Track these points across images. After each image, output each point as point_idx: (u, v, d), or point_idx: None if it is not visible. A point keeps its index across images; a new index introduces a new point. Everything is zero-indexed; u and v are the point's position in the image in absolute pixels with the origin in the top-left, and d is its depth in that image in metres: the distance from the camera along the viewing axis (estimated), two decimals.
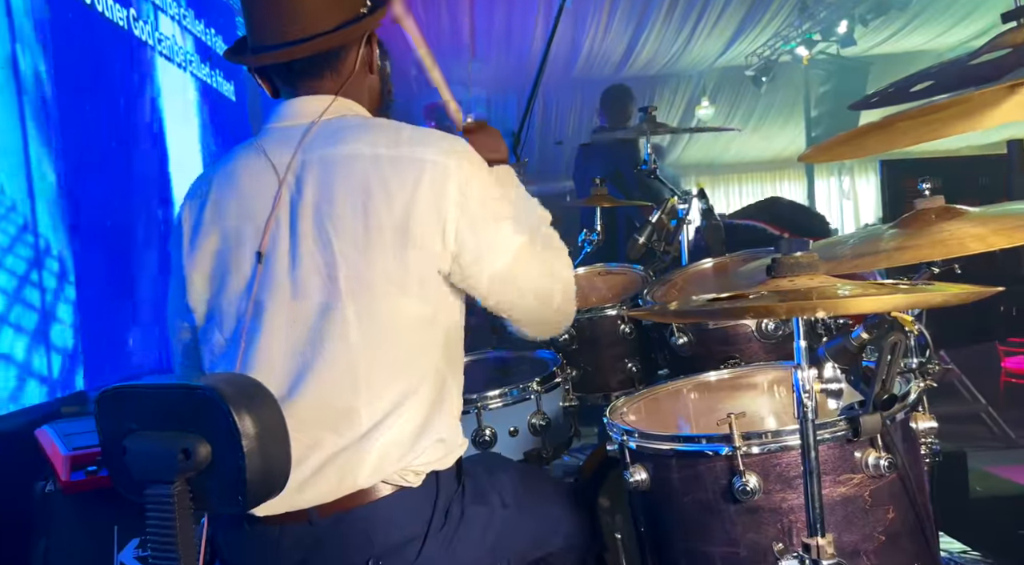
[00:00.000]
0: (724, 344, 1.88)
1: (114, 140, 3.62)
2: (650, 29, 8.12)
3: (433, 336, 1.26)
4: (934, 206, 1.31)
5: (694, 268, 2.20)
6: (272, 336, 1.23)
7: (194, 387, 1.02)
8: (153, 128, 4.08)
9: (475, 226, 1.23)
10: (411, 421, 1.22)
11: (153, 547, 1.01)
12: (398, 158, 1.22)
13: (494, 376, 2.11)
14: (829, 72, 9.47)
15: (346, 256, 1.21)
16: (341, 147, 1.24)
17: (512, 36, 7.78)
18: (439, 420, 1.26)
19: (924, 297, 1.05)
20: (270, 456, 1.00)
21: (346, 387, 1.20)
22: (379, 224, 1.20)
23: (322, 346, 1.21)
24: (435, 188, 1.21)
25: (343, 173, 1.22)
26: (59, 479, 1.88)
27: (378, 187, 1.21)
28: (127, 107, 3.82)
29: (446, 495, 1.26)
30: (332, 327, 1.20)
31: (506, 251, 1.26)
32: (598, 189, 2.50)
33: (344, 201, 1.21)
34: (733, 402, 1.61)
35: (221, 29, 5.35)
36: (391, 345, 1.22)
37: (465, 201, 1.23)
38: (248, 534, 1.23)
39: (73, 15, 3.33)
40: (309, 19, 1.26)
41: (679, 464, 1.29)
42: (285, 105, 1.32)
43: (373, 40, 1.36)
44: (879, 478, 1.22)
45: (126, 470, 1.04)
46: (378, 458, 1.20)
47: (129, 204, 3.77)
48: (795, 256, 1.11)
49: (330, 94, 1.31)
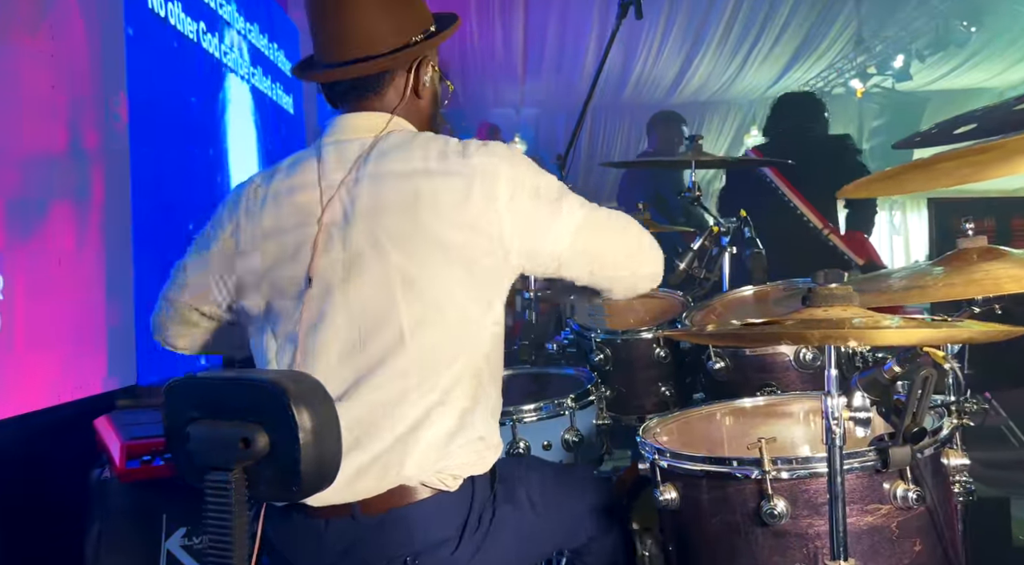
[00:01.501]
0: (761, 371, 1.91)
1: (181, 147, 3.78)
2: (702, 55, 8.14)
3: (478, 337, 1.32)
4: (976, 246, 1.34)
5: (734, 295, 2.22)
6: (328, 344, 1.29)
7: (259, 381, 1.09)
8: (218, 136, 4.26)
9: (530, 216, 1.31)
10: (452, 419, 1.29)
11: (210, 530, 1.08)
12: (447, 169, 1.30)
13: (530, 390, 2.16)
14: (883, 106, 9.36)
15: (400, 267, 1.27)
16: (393, 163, 1.31)
17: (564, 57, 7.88)
18: (478, 417, 1.32)
19: (952, 332, 1.07)
20: (324, 450, 1.06)
21: (397, 391, 1.27)
22: (432, 234, 1.27)
23: (377, 354, 1.27)
24: (485, 191, 1.28)
25: (395, 187, 1.30)
26: (115, 467, 1.98)
27: (430, 198, 1.28)
28: (196, 117, 3.99)
29: (481, 500, 1.32)
30: (386, 336, 1.27)
31: (568, 227, 1.33)
32: (641, 214, 2.54)
33: (397, 213, 1.28)
34: (767, 429, 1.64)
35: (283, 44, 5.55)
36: (441, 349, 1.28)
37: (516, 196, 1.30)
38: (296, 524, 1.30)
39: (150, 29, 3.51)
40: (361, 43, 1.35)
41: (709, 485, 1.32)
42: (339, 120, 1.40)
43: (424, 66, 1.42)
44: (907, 510, 1.24)
45: (188, 456, 1.11)
46: (420, 455, 1.26)
47: (187, 208, 3.92)
48: (830, 287, 1.15)
49: (376, 112, 1.39)
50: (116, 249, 3.11)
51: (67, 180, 2.82)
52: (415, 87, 1.41)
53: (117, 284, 3.07)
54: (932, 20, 7.39)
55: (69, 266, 2.78)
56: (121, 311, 3.11)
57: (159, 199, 3.54)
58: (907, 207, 12.04)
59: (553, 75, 8.36)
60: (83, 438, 2.29)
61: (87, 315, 2.89)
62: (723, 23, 7.31)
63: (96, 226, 2.99)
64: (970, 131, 1.19)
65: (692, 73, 8.66)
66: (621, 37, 2.59)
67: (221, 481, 1.06)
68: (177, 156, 3.77)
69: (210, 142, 4.22)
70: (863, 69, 8.41)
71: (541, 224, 1.32)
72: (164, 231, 3.50)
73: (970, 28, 7.17)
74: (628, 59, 8.05)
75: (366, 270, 1.29)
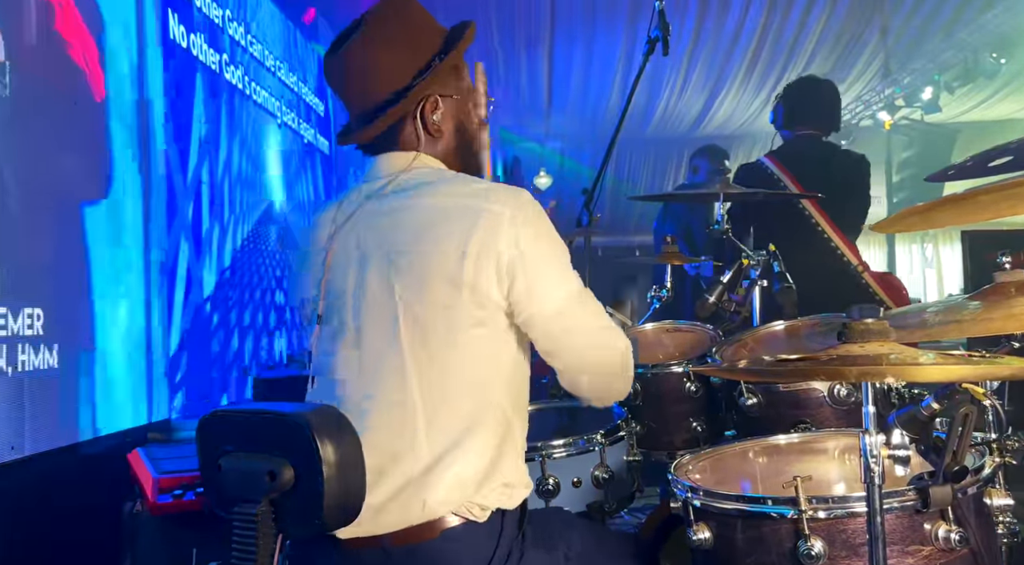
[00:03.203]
0: (795, 408, 1.87)
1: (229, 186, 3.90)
2: (727, 90, 8.17)
3: (493, 375, 1.31)
4: (1014, 280, 1.31)
5: (765, 330, 2.20)
6: (344, 379, 1.32)
7: (284, 414, 1.10)
8: (259, 177, 4.43)
9: (527, 268, 1.27)
10: (477, 460, 1.28)
11: (236, 562, 1.09)
12: (459, 207, 1.29)
13: (560, 425, 2.14)
14: (912, 138, 9.30)
15: (407, 302, 1.28)
16: (411, 199, 1.32)
17: (589, 91, 7.96)
18: (504, 464, 1.31)
19: (992, 369, 1.05)
20: (348, 483, 1.07)
21: (407, 425, 1.27)
22: (439, 270, 1.27)
23: (383, 389, 1.28)
24: (488, 232, 1.26)
25: (409, 222, 1.30)
26: (147, 500, 1.99)
27: (439, 234, 1.28)
28: (236, 158, 4.14)
29: (509, 536, 1.30)
30: (392, 372, 1.28)
31: (558, 293, 1.30)
32: (669, 247, 2.54)
33: (408, 248, 1.29)
34: (801, 466, 1.60)
35: (317, 91, 5.75)
36: (450, 386, 1.28)
37: (518, 245, 1.27)
38: (328, 556, 1.29)
39: (186, 69, 3.62)
40: (360, 103, 1.38)
41: (744, 525, 1.29)
42: (372, 163, 1.43)
43: (429, 107, 1.38)
44: (949, 552, 1.20)
45: (220, 488, 1.12)
46: (443, 493, 1.25)
47: (229, 245, 4.01)
48: (866, 323, 1.13)
49: (402, 151, 1.40)
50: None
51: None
52: (427, 129, 1.39)
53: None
54: (960, 52, 7.36)
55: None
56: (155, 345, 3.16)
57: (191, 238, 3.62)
58: (939, 240, 11.87)
59: (578, 109, 8.44)
60: (116, 471, 2.32)
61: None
62: (748, 58, 7.34)
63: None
64: (1006, 164, 1.17)
65: (717, 108, 8.69)
66: (646, 72, 2.61)
67: (248, 514, 1.07)
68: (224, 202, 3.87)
69: (257, 184, 4.34)
70: (891, 101, 8.38)
71: (527, 285, 1.28)
72: (197, 270, 3.57)
73: (999, 59, 7.12)
74: (653, 94, 8.11)
75: (375, 306, 1.30)
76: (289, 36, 5.21)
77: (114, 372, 2.86)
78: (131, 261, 3.05)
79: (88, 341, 2.72)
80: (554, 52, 7.06)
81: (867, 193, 3.13)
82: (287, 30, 5.17)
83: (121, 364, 2.91)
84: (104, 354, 2.80)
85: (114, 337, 2.88)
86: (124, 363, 2.94)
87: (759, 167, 3.10)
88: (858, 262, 2.96)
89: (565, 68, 7.43)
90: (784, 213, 2.98)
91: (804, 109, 3.14)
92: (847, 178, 3.00)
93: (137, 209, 3.12)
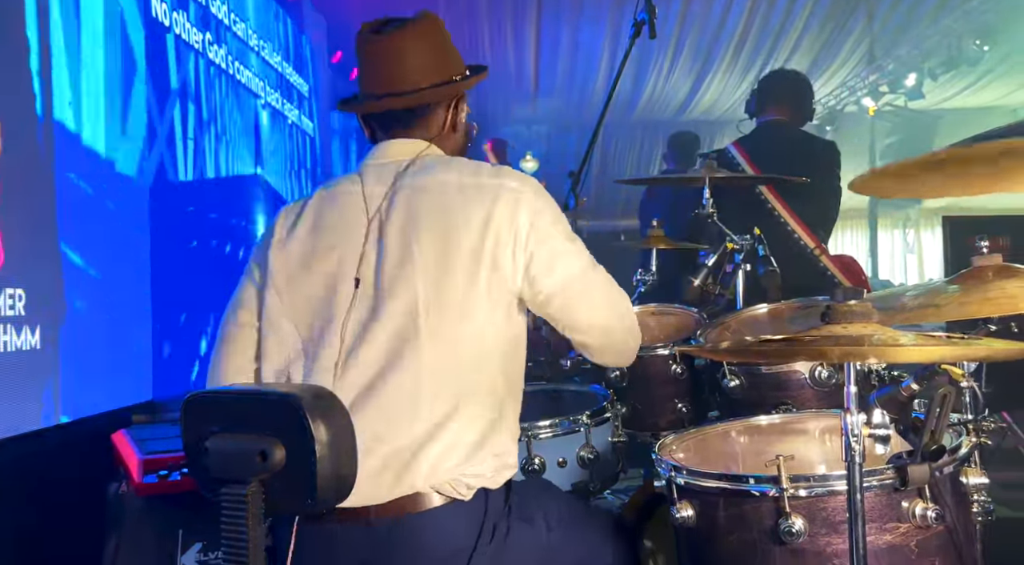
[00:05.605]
0: (776, 389, 1.90)
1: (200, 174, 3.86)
2: (713, 74, 8.17)
3: (494, 352, 1.36)
4: (991, 264, 1.34)
5: (748, 312, 2.22)
6: (355, 350, 1.33)
7: (274, 394, 1.10)
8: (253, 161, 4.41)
9: (544, 242, 1.38)
10: (468, 432, 1.31)
11: (226, 543, 1.09)
12: (478, 185, 1.39)
13: (546, 407, 2.16)
14: (895, 124, 9.35)
15: (425, 277, 1.33)
16: (429, 178, 1.41)
17: (576, 75, 7.93)
18: (496, 437, 1.34)
19: (971, 350, 1.07)
20: (340, 461, 1.08)
21: (409, 399, 1.30)
22: (458, 245, 1.34)
23: (396, 364, 1.31)
24: (509, 209, 1.37)
25: (429, 199, 1.38)
26: (132, 481, 1.99)
27: (459, 210, 1.36)
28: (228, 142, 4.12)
29: (494, 511, 1.33)
30: (407, 346, 1.31)
31: (573, 265, 1.40)
32: (654, 231, 2.56)
33: (428, 224, 1.36)
34: (782, 446, 1.63)
35: (308, 76, 5.73)
36: (456, 361, 1.32)
37: (536, 222, 1.37)
38: (310, 527, 1.30)
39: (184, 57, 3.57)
40: (409, 77, 1.46)
41: (726, 503, 1.32)
42: (380, 146, 1.50)
43: (461, 104, 1.55)
44: (926, 529, 1.23)
45: (206, 469, 1.12)
46: (434, 462, 1.28)
47: (209, 229, 3.98)
48: (849, 304, 1.15)
49: (415, 139, 1.48)
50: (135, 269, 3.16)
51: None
52: (452, 122, 1.53)
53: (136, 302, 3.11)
54: (945, 39, 7.39)
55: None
56: (138, 328, 3.14)
57: (182, 217, 3.59)
58: (921, 225, 12.00)
59: (565, 93, 8.41)
60: (101, 453, 2.31)
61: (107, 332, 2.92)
62: (734, 43, 7.33)
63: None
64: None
65: (703, 92, 8.69)
66: (633, 56, 2.61)
67: (238, 495, 1.07)
68: (194, 183, 3.83)
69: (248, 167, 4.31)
70: (875, 87, 8.41)
71: (548, 255, 1.38)
72: (181, 252, 3.55)
73: (983, 47, 7.16)
74: (639, 78, 8.10)
75: (394, 280, 1.34)
76: (271, 14, 5.15)
77: (98, 353, 2.84)
78: (113, 240, 3.02)
79: (71, 322, 2.70)
80: (541, 35, 7.03)
81: (835, 178, 3.16)
82: (268, 7, 5.10)
83: (104, 345, 2.90)
84: (87, 335, 2.78)
85: (98, 318, 2.86)
86: (107, 344, 2.92)
87: (723, 154, 3.12)
88: (815, 245, 2.98)
89: (552, 51, 7.40)
90: (742, 199, 2.98)
91: (771, 95, 3.21)
92: (812, 163, 3.01)
93: None
